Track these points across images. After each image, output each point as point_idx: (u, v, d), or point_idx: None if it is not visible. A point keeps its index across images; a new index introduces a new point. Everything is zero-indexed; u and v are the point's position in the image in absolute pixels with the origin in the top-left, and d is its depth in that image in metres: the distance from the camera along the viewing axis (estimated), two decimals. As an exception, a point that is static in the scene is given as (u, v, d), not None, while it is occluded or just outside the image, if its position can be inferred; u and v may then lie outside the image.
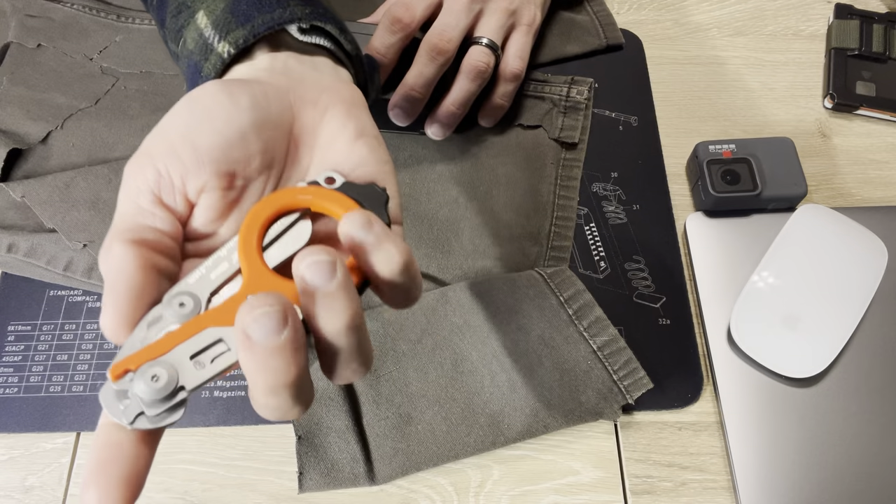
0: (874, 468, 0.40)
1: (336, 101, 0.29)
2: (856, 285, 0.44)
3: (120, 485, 0.21)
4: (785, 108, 0.54)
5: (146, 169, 0.25)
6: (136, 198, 0.25)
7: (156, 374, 0.21)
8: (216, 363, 0.22)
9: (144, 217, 0.25)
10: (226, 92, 0.27)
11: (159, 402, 0.21)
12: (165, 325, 0.22)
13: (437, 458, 0.40)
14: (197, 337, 0.22)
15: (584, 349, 0.42)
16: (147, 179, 0.25)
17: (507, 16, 0.48)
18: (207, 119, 0.26)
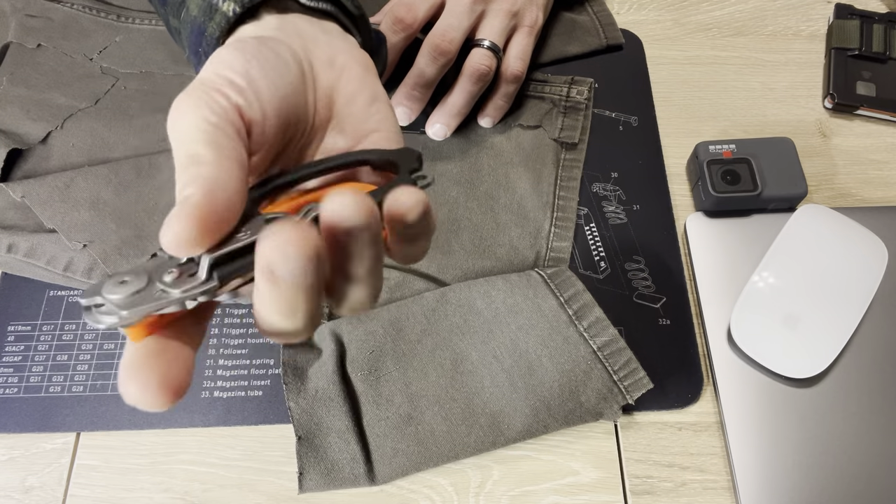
0: (874, 468, 0.40)
1: (351, 62, 0.29)
2: (856, 285, 0.44)
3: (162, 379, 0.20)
4: (785, 108, 0.54)
5: (219, 98, 0.23)
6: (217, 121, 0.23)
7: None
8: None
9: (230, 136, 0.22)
10: (266, 45, 0.26)
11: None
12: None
13: (438, 458, 0.40)
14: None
15: (584, 349, 0.42)
16: (224, 107, 0.23)
17: (510, 17, 0.48)
18: (264, 68, 0.25)
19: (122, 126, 0.50)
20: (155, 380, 0.20)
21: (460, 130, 0.51)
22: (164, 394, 0.20)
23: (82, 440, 0.42)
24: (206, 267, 0.20)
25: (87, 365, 0.44)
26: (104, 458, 0.42)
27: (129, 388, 0.19)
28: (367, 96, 0.28)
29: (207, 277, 0.20)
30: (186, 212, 0.20)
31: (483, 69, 0.47)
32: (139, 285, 0.19)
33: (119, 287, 0.19)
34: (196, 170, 0.21)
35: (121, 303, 0.19)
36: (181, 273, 0.20)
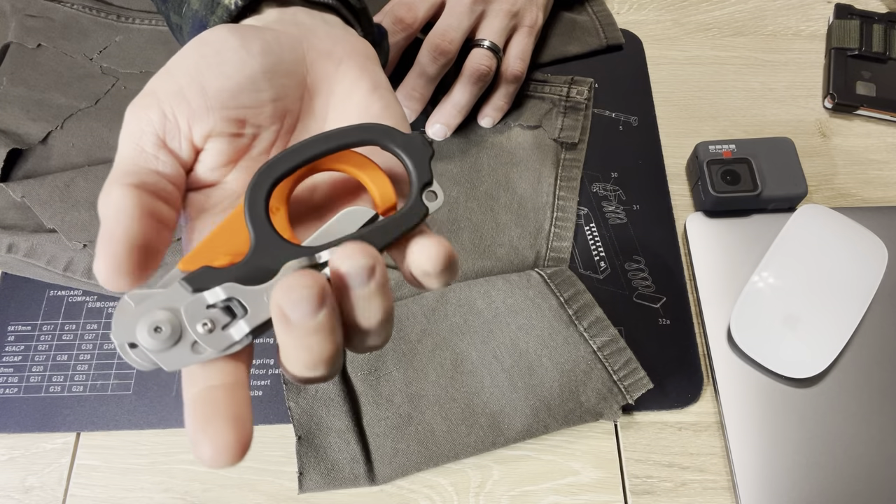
0: (874, 468, 0.40)
1: (350, 52, 0.28)
2: (856, 285, 0.44)
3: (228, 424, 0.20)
4: (785, 108, 0.54)
5: (151, 110, 0.24)
6: (138, 139, 0.23)
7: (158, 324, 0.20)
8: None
9: (147, 160, 0.23)
10: (237, 35, 0.26)
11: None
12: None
13: (437, 458, 0.40)
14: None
15: (585, 349, 0.42)
16: (151, 121, 0.24)
17: (510, 17, 0.48)
18: (217, 62, 0.25)
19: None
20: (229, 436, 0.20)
21: (460, 130, 0.51)
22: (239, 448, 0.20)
23: (82, 440, 0.42)
24: (243, 334, 0.21)
25: (87, 365, 0.44)
26: (104, 458, 0.42)
27: (204, 451, 0.20)
28: (368, 84, 0.28)
29: (243, 338, 0.21)
30: (98, 252, 0.21)
31: (483, 69, 0.47)
32: (173, 334, 0.20)
33: (155, 335, 0.20)
34: (101, 207, 0.22)
35: (157, 355, 0.20)
36: (214, 325, 0.21)
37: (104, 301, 0.46)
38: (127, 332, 0.20)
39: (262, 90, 0.26)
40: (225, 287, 0.21)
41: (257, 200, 0.22)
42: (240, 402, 0.21)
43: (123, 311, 0.20)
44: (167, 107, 0.24)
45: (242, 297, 0.21)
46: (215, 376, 0.21)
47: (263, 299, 0.21)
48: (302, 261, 0.22)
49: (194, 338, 0.21)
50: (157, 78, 0.25)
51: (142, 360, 0.20)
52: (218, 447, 0.20)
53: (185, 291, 0.21)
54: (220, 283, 0.21)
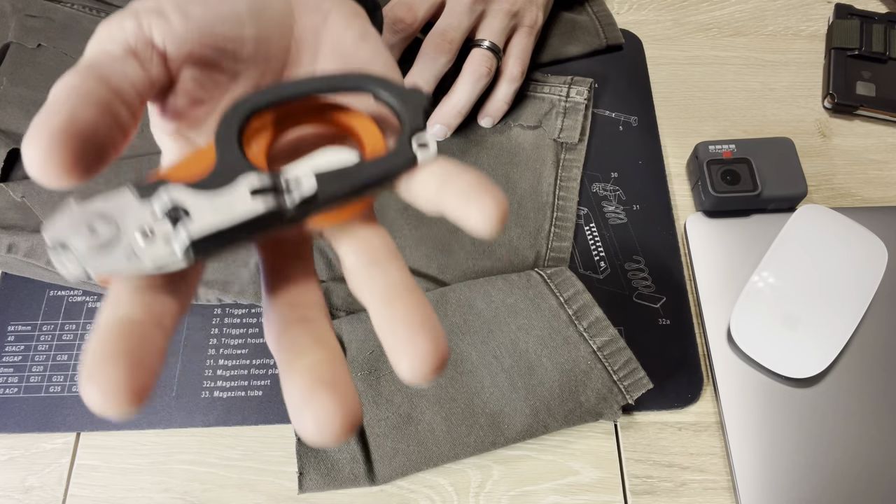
0: (874, 468, 0.40)
1: (338, 5, 0.28)
2: (856, 285, 0.44)
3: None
4: (785, 108, 0.54)
5: (125, 21, 0.22)
6: (106, 45, 0.21)
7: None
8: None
9: (112, 61, 0.21)
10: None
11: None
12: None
13: (437, 458, 0.40)
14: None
15: (584, 349, 0.42)
16: (124, 29, 0.22)
17: (510, 17, 0.48)
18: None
19: (122, 126, 0.50)
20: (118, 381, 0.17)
21: (460, 130, 0.51)
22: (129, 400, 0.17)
23: (82, 440, 0.43)
24: (181, 246, 0.18)
25: (87, 365, 0.44)
26: (104, 458, 0.42)
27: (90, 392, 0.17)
28: (356, 32, 0.27)
29: (182, 254, 0.18)
30: (31, 133, 0.18)
31: (483, 70, 0.47)
32: (108, 235, 0.18)
33: (89, 235, 0.18)
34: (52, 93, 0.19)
35: (87, 256, 0.18)
36: (153, 236, 0.18)
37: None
38: (59, 231, 0.18)
39: (244, 25, 0.24)
40: (169, 188, 0.19)
41: (230, 123, 0.21)
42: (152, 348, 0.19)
43: (63, 212, 0.18)
44: (143, 20, 0.22)
45: (188, 203, 0.18)
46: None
47: (211, 211, 0.19)
48: (262, 178, 0.19)
49: (132, 247, 0.18)
50: (137, 1, 0.23)
51: (71, 266, 0.18)
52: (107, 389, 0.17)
53: (133, 198, 0.19)
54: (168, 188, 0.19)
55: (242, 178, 0.19)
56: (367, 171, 0.21)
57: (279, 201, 0.19)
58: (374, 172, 0.21)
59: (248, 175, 0.19)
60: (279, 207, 0.19)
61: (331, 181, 0.20)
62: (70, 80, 0.19)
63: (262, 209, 0.19)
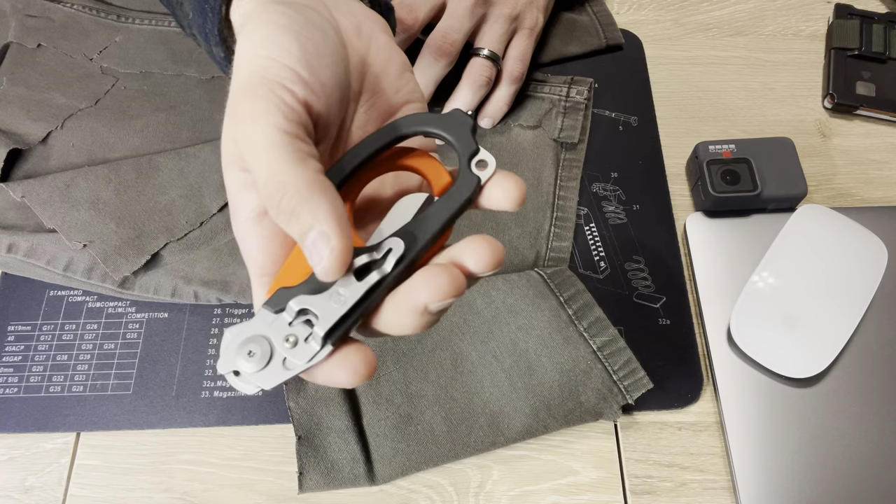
0: (874, 468, 0.40)
1: (377, 30, 0.28)
2: (856, 285, 0.44)
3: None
4: (785, 108, 0.54)
5: (289, 98, 0.22)
6: (291, 128, 0.22)
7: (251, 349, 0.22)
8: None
9: (304, 150, 0.22)
10: (312, 23, 0.25)
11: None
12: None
13: (437, 458, 0.40)
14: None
15: (584, 349, 0.42)
16: (293, 108, 0.22)
17: (510, 22, 0.49)
18: (319, 52, 0.24)
19: (122, 126, 0.50)
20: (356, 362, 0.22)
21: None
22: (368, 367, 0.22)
23: (82, 440, 0.42)
24: (319, 340, 0.22)
25: (87, 365, 0.44)
26: (104, 458, 0.42)
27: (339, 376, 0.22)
28: (397, 66, 0.27)
29: (322, 347, 0.22)
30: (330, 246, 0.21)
31: (482, 80, 0.48)
32: (265, 356, 0.22)
33: (250, 359, 0.22)
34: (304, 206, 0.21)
35: (254, 376, 0.22)
36: (297, 339, 0.22)
37: (104, 301, 0.46)
38: (229, 363, 0.22)
39: (347, 77, 0.25)
40: (296, 300, 0.22)
41: None
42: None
43: (226, 344, 0.22)
44: (303, 96, 0.23)
45: (311, 305, 0.22)
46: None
47: (331, 304, 0.22)
48: (360, 258, 0.22)
49: (283, 355, 0.22)
50: (265, 67, 0.23)
51: (246, 385, 0.22)
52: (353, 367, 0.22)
53: (269, 314, 0.22)
54: (292, 298, 0.22)
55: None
56: (443, 210, 0.23)
57: (380, 272, 0.22)
58: (448, 210, 0.23)
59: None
60: (381, 277, 0.22)
61: (416, 230, 0.23)
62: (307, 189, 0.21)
63: (368, 286, 0.22)
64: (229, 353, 0.22)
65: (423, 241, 0.23)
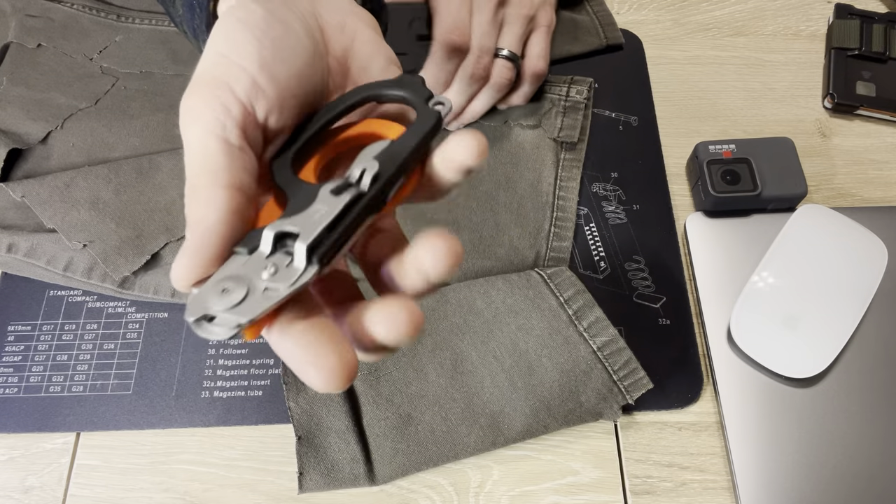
0: (874, 468, 0.40)
1: (361, 26, 0.28)
2: (856, 285, 0.44)
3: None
4: (785, 108, 0.54)
5: (229, 101, 0.22)
6: (222, 132, 0.22)
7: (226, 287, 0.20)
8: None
9: (234, 156, 0.22)
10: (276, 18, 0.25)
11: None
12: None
13: (437, 458, 0.40)
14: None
15: (584, 349, 0.42)
16: (231, 113, 0.22)
17: (527, 22, 0.49)
18: (274, 47, 0.24)
19: (122, 126, 0.50)
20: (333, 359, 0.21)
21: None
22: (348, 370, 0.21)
23: (82, 440, 0.42)
24: (303, 256, 0.21)
25: (87, 365, 0.44)
26: (104, 458, 0.42)
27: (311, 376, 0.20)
28: (382, 60, 0.28)
29: (307, 265, 0.21)
30: (186, 255, 0.21)
31: (504, 81, 0.48)
32: (243, 290, 0.20)
33: (224, 296, 0.20)
34: (192, 209, 0.21)
35: (235, 311, 0.20)
36: (277, 267, 0.21)
37: (104, 301, 0.46)
38: (198, 308, 0.20)
39: (315, 74, 0.25)
40: (271, 227, 0.21)
41: (282, 167, 0.23)
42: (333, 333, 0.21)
43: (191, 297, 0.21)
44: (244, 97, 0.23)
45: (289, 226, 0.21)
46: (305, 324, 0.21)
47: (311, 220, 0.21)
48: (337, 181, 0.22)
49: (264, 286, 0.20)
50: (217, 65, 0.23)
51: (221, 327, 0.20)
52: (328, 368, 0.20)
53: (242, 256, 0.21)
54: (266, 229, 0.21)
55: (322, 191, 0.22)
56: (409, 139, 0.23)
57: (358, 188, 0.22)
58: (414, 138, 0.23)
59: (325, 186, 0.22)
60: (359, 193, 0.22)
61: (387, 158, 0.23)
62: (217, 201, 0.21)
63: (348, 198, 0.21)
64: (199, 297, 0.20)
65: (396, 164, 0.23)
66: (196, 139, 0.22)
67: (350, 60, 0.28)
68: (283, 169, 0.23)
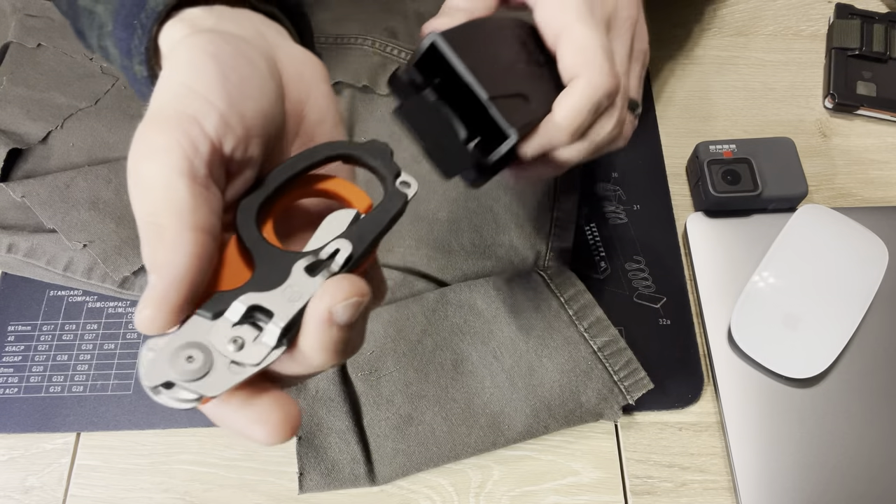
0: (875, 469, 0.40)
1: (318, 78, 0.28)
2: (856, 286, 0.44)
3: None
4: (785, 108, 0.54)
5: (197, 135, 0.22)
6: (189, 169, 0.21)
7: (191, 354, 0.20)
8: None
9: (201, 197, 0.21)
10: (243, 55, 0.24)
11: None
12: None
13: (438, 458, 0.40)
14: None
15: (585, 350, 0.42)
16: (199, 150, 0.21)
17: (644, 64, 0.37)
18: (240, 82, 0.23)
19: (122, 126, 0.50)
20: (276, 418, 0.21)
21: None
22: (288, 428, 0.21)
23: (82, 440, 0.42)
24: (275, 337, 0.20)
25: (87, 365, 0.44)
26: (104, 458, 0.42)
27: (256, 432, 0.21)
28: (333, 117, 0.27)
29: (277, 344, 0.21)
30: (155, 302, 0.20)
31: (620, 145, 0.34)
32: (207, 361, 0.20)
33: (187, 366, 0.19)
34: (161, 252, 0.20)
35: (200, 384, 0.20)
36: (243, 341, 0.20)
37: (104, 301, 0.46)
38: (157, 374, 0.19)
39: (277, 113, 0.25)
40: (243, 299, 0.21)
41: (248, 222, 0.23)
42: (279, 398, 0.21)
43: (148, 359, 0.20)
44: (213, 134, 0.22)
45: (264, 302, 0.21)
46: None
47: (285, 300, 0.21)
48: (309, 258, 0.22)
49: (229, 359, 0.20)
50: (182, 97, 0.22)
51: (180, 398, 0.20)
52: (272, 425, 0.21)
53: (205, 319, 0.20)
54: (237, 298, 0.21)
55: (296, 265, 0.22)
56: (377, 220, 0.23)
57: (330, 268, 0.22)
58: (383, 219, 0.23)
59: (299, 263, 0.22)
60: (331, 274, 0.22)
61: (357, 239, 0.23)
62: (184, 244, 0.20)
63: (321, 281, 0.21)
64: (158, 363, 0.19)
65: (365, 246, 0.23)
66: (159, 175, 0.21)
67: (306, 110, 0.27)
68: (248, 224, 0.23)
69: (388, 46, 0.52)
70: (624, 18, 0.33)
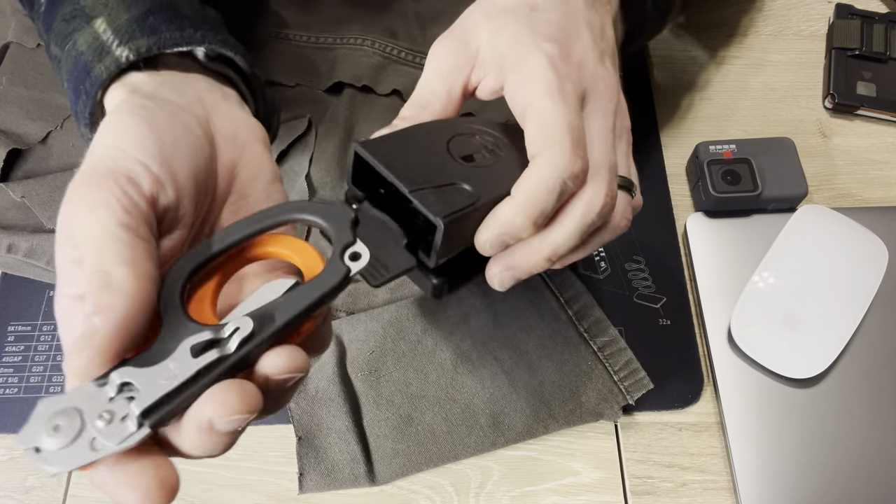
0: (875, 469, 0.40)
1: (252, 139, 0.29)
2: (856, 286, 0.44)
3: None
4: (785, 109, 0.54)
5: (133, 192, 0.23)
6: (130, 222, 0.22)
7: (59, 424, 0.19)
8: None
9: (142, 248, 0.22)
10: (177, 118, 0.26)
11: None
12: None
13: (438, 458, 0.40)
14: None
15: (585, 350, 0.42)
16: (138, 205, 0.22)
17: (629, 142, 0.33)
18: (178, 148, 0.25)
19: (122, 126, 0.50)
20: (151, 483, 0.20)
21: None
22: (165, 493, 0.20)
23: (82, 440, 0.42)
24: (135, 418, 0.19)
25: (87, 365, 0.44)
26: (104, 459, 0.42)
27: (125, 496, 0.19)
28: (268, 176, 0.28)
29: (138, 428, 0.19)
30: (94, 347, 0.20)
31: (624, 224, 0.31)
32: (73, 433, 0.19)
33: (55, 435, 0.19)
34: (107, 297, 0.20)
35: (58, 456, 0.19)
36: (112, 416, 0.19)
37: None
38: (30, 439, 0.19)
39: (210, 177, 0.26)
40: (119, 372, 0.20)
41: (172, 289, 0.22)
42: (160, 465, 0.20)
43: (35, 416, 0.19)
44: (148, 191, 0.23)
45: (135, 379, 0.20)
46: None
47: (157, 380, 0.20)
48: (202, 335, 0.21)
49: (94, 434, 0.19)
50: (114, 158, 0.23)
51: (48, 464, 0.19)
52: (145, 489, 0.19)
53: (91, 385, 0.20)
54: (118, 369, 0.20)
55: (185, 342, 0.21)
56: (309, 294, 0.22)
57: (221, 351, 0.21)
58: (310, 297, 0.22)
59: (189, 338, 0.21)
60: (221, 356, 0.21)
61: (269, 316, 0.21)
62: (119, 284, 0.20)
63: (203, 364, 0.20)
64: (34, 425, 0.19)
65: (276, 325, 0.21)
66: (99, 227, 0.21)
67: (238, 170, 0.28)
68: (171, 288, 0.22)
69: (388, 46, 0.52)
70: (601, 91, 0.29)
